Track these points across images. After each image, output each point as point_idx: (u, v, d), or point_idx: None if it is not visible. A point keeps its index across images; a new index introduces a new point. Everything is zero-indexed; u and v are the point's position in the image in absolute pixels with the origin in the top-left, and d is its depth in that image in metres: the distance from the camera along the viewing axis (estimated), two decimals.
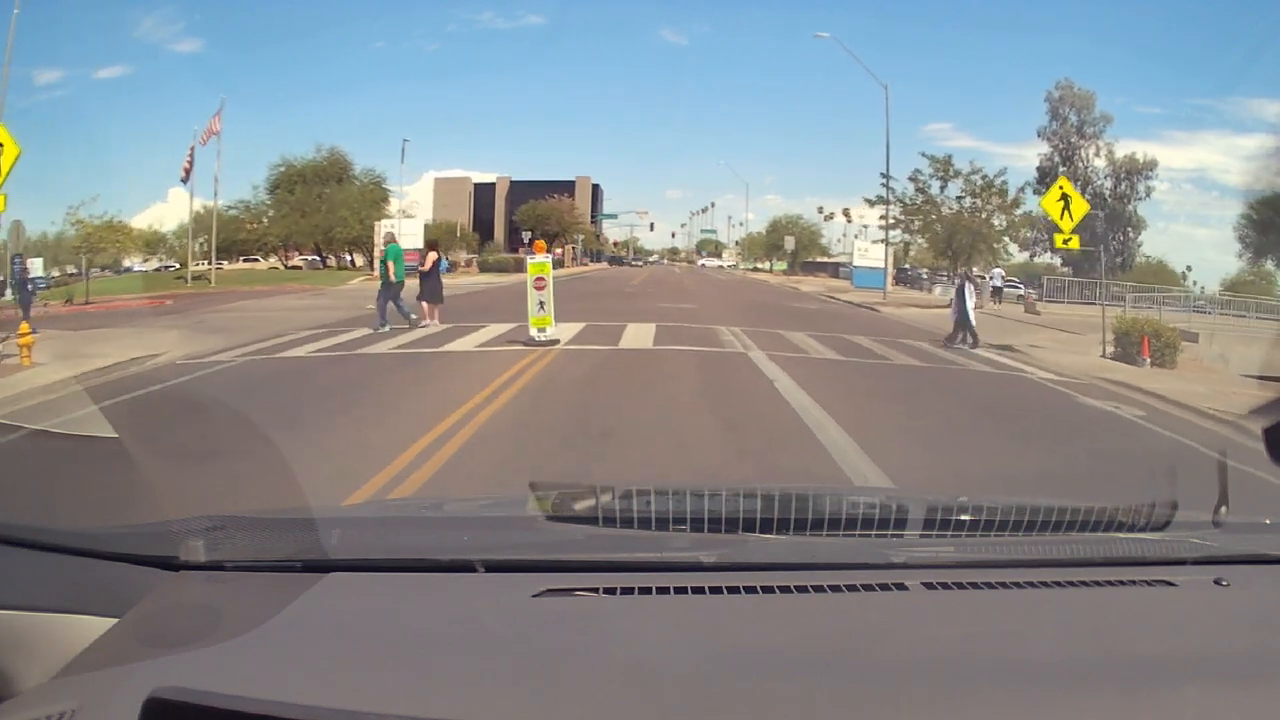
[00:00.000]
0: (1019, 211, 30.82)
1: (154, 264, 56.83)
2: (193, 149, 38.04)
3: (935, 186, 30.08)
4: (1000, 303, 30.53)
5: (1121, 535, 1.75)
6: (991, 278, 31.34)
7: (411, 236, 41.09)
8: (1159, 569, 1.55)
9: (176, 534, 1.52)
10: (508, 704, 1.05)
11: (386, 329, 13.73)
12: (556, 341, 12.27)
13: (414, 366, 10.33)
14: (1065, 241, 16.24)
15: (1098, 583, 1.49)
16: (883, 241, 33.08)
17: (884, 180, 31.34)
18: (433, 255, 15.94)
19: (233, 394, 8.46)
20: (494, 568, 1.43)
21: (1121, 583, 1.49)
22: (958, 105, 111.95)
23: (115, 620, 1.32)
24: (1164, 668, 1.19)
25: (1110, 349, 15.29)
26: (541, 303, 12.42)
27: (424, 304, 14.99)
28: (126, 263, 55.29)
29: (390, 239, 16.05)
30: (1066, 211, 16.18)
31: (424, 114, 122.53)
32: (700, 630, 1.27)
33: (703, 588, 1.35)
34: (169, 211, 50.45)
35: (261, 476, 4.51)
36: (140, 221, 46.96)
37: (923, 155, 30.54)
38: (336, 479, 4.87)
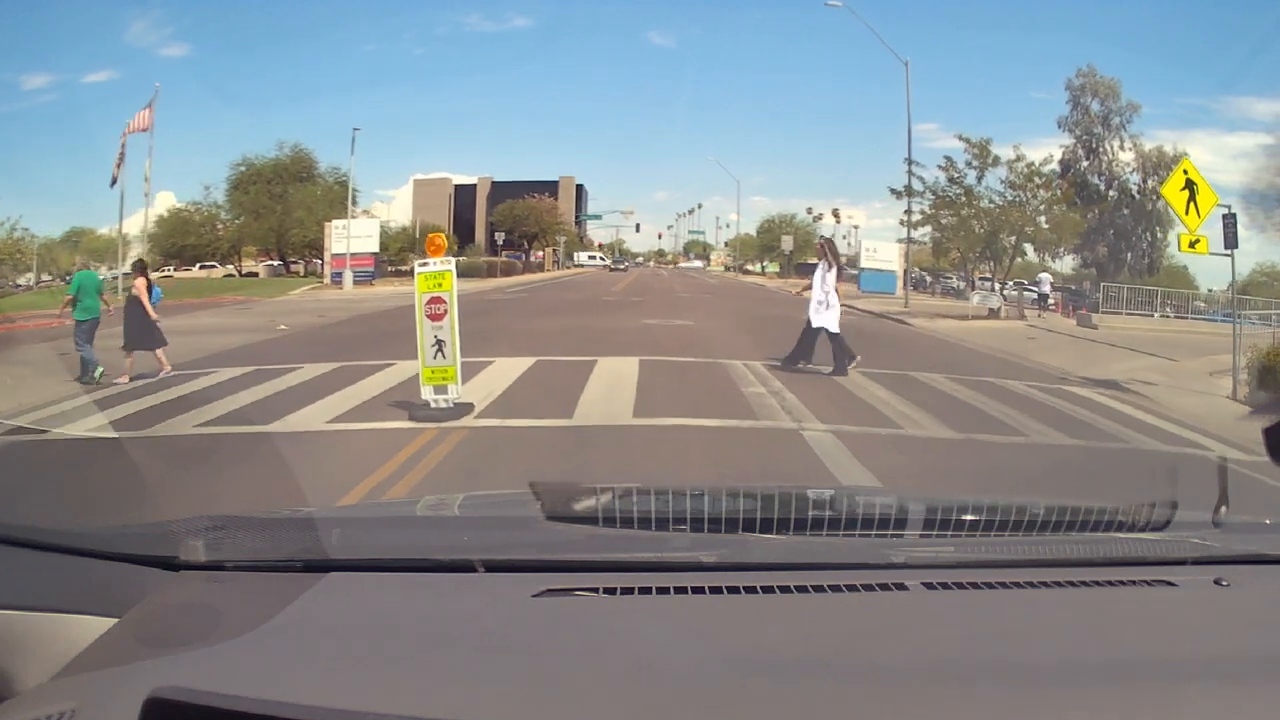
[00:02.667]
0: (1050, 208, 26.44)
1: (120, 270, 54.02)
2: (123, 145, 33.56)
3: (971, 176, 25.58)
4: (1042, 312, 26.37)
5: (1121, 535, 1.72)
6: (1038, 283, 27.45)
7: (366, 239, 37.03)
8: (1159, 569, 1.53)
9: (176, 534, 1.50)
10: (508, 704, 1.03)
11: (98, 375, 9.94)
12: (468, 409, 7.28)
13: (198, 478, 5.56)
14: (1193, 244, 12.07)
15: (1098, 583, 1.47)
16: (903, 241, 28.88)
17: (908, 165, 26.89)
18: (140, 282, 10.79)
19: None
20: (494, 568, 1.41)
21: (1121, 583, 1.47)
22: (947, 105, 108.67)
23: (115, 620, 1.30)
24: (1164, 668, 1.18)
25: (1241, 383, 11.26)
26: (439, 342, 7.13)
27: (135, 354, 10.28)
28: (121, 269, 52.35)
29: (83, 265, 11.42)
30: (1193, 204, 12.02)
31: (410, 117, 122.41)
32: (700, 630, 1.25)
33: (703, 588, 1.33)
34: (156, 215, 48.02)
35: None
36: (132, 225, 43.57)
37: (959, 138, 26.05)
38: None
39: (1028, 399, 9.68)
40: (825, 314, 11.03)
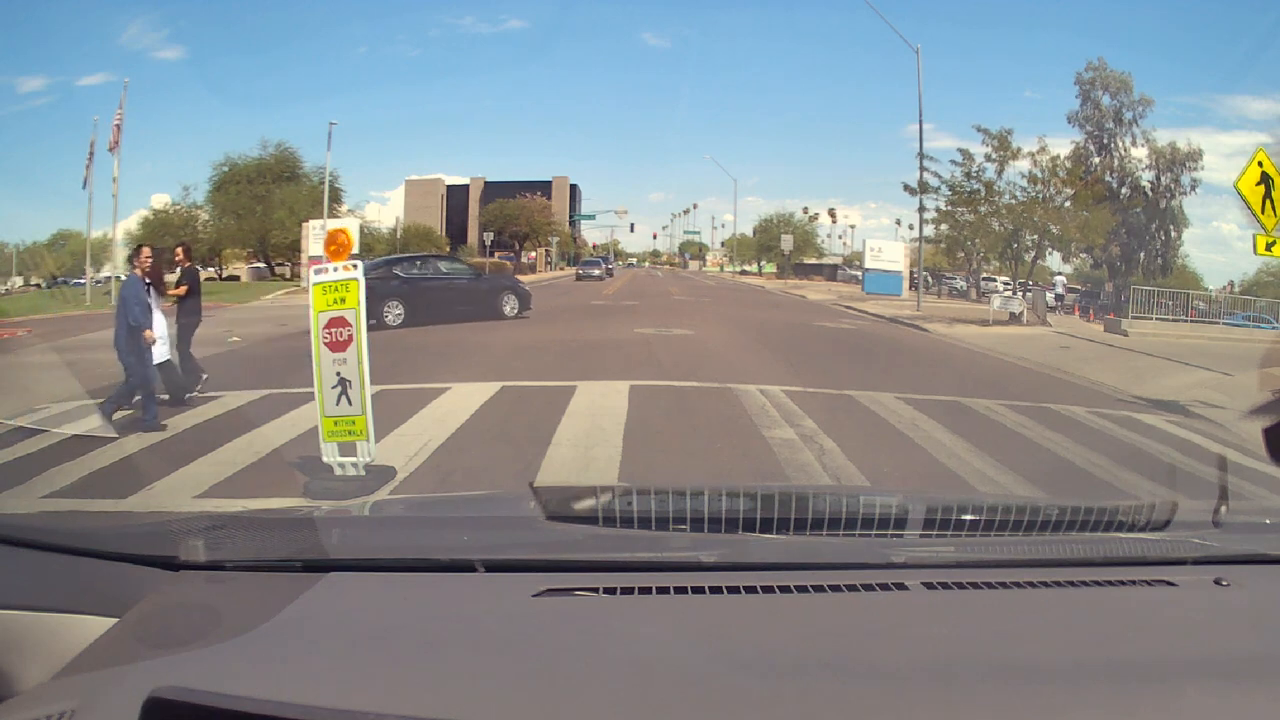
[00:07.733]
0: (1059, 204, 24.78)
1: (105, 273, 53.30)
2: (93, 145, 31.84)
3: (990, 170, 23.96)
4: (1056, 313, 24.71)
5: (1121, 535, 1.71)
6: (1054, 285, 25.90)
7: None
8: (1159, 569, 1.52)
9: (176, 533, 1.50)
10: (508, 704, 1.02)
11: None
12: (386, 477, 5.31)
13: None
14: (1270, 246, 10.42)
15: (1098, 582, 1.46)
16: (912, 240, 27.29)
17: (920, 160, 25.26)
18: None
19: None
20: (494, 567, 1.41)
21: (1121, 583, 1.46)
22: (941, 105, 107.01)
23: (115, 620, 1.30)
24: (1164, 668, 1.17)
25: None
26: (343, 382, 5.09)
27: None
28: (100, 274, 51.90)
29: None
30: (1269, 200, 10.38)
31: (405, 119, 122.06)
32: (700, 630, 1.25)
33: (703, 587, 1.33)
34: (143, 216, 47.18)
35: None
36: (121, 228, 42.49)
37: (977, 129, 24.46)
38: None
39: (1103, 435, 7.92)
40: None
